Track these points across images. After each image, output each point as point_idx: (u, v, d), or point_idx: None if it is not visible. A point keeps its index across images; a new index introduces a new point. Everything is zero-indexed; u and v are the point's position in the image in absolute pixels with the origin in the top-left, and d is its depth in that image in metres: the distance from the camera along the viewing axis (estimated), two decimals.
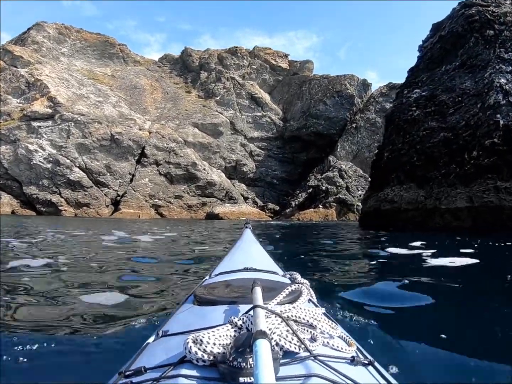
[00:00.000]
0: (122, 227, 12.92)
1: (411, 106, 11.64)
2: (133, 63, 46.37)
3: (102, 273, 3.60)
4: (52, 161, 30.45)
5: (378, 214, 11.78)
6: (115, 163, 31.71)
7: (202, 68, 44.60)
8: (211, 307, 0.99)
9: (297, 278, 1.33)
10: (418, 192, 10.65)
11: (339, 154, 36.33)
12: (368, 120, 37.44)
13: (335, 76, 41.64)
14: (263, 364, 0.50)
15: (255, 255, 1.97)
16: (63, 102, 32.20)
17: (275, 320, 0.73)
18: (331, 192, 31.21)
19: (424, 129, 11.27)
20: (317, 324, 0.82)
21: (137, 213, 28.58)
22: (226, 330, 0.71)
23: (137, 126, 34.26)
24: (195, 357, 0.65)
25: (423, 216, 10.07)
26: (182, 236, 9.55)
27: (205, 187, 34.63)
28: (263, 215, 33.23)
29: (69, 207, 29.67)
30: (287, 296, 0.92)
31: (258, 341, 0.56)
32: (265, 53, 45.72)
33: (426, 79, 11.99)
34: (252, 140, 41.01)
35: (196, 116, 38.75)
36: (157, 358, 0.74)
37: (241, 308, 0.92)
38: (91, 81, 39.43)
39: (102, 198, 30.37)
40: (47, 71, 36.41)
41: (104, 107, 35.10)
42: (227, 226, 16.74)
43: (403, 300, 2.60)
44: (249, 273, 1.38)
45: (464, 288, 3.12)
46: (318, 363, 0.69)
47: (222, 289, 1.13)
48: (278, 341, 0.69)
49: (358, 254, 6.34)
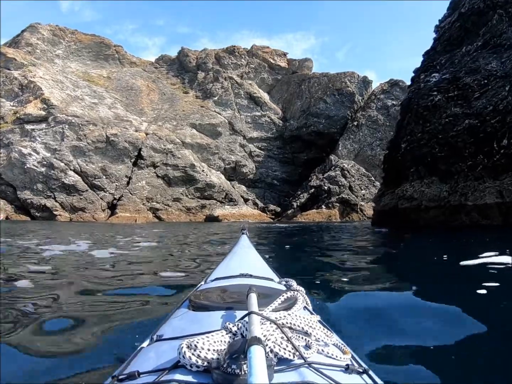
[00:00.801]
0: (96, 234, 11.68)
1: (431, 90, 10.33)
2: (129, 65, 45.58)
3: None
4: (46, 164, 29.60)
5: (395, 213, 10.65)
6: (111, 165, 30.84)
7: (199, 68, 43.82)
8: (206, 312, 0.99)
9: (293, 285, 1.33)
10: (441, 187, 9.48)
11: (341, 153, 35.48)
12: (370, 118, 36.60)
13: (335, 73, 40.86)
14: (257, 371, 0.50)
15: (251, 261, 1.96)
16: (57, 104, 31.37)
17: (270, 327, 0.73)
18: (333, 192, 30.32)
19: (446, 116, 10.01)
20: (312, 331, 0.81)
21: (134, 217, 27.67)
22: (221, 336, 0.71)
23: (133, 128, 33.41)
24: (189, 362, 0.65)
25: (446, 215, 9.01)
26: (161, 247, 7.55)
27: (204, 189, 33.76)
28: (264, 217, 32.34)
29: (64, 212, 28.80)
30: (282, 303, 0.91)
31: (253, 347, 0.56)
32: (263, 51, 44.96)
33: (445, 61, 10.82)
34: (251, 141, 40.17)
35: (194, 117, 37.92)
36: (151, 362, 0.73)
37: (236, 314, 0.92)
38: (86, 82, 38.64)
39: (98, 202, 29.49)
40: (41, 73, 35.61)
41: (99, 108, 34.29)
42: (225, 229, 15.88)
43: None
44: (245, 279, 1.37)
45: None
46: (312, 370, 0.68)
47: (217, 295, 1.12)
48: (272, 348, 0.69)
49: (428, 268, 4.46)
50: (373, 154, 35.76)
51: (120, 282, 3.49)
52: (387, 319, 2.19)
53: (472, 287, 2.85)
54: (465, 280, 3.47)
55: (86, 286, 3.21)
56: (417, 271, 4.22)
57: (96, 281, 3.49)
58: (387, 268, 4.73)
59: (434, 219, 9.32)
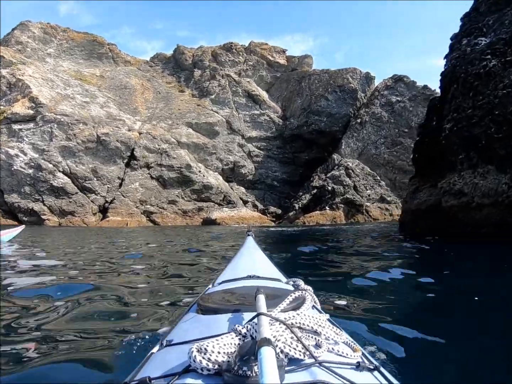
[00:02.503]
0: (49, 241, 10.19)
1: (484, 54, 8.15)
2: (124, 63, 44.05)
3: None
4: (34, 166, 27.99)
5: (437, 213, 8.53)
6: (102, 166, 29.21)
7: (196, 66, 42.34)
8: (215, 315, 0.98)
9: (301, 284, 1.31)
10: (499, 178, 7.34)
11: (344, 152, 33.91)
12: (374, 115, 35.09)
13: (336, 70, 39.39)
14: (268, 372, 0.50)
15: (258, 262, 1.95)
16: (45, 103, 29.82)
17: (280, 328, 0.72)
18: (337, 192, 28.71)
19: (503, 87, 7.89)
20: (321, 330, 0.81)
21: (125, 220, 25.98)
22: (231, 339, 0.70)
23: (126, 127, 31.80)
24: (200, 366, 0.65)
25: (503, 214, 7.04)
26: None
27: (201, 191, 32.14)
28: (265, 220, 30.72)
29: (52, 216, 27.15)
30: (291, 303, 0.90)
31: (263, 348, 0.56)
32: (262, 48, 43.53)
33: (493, 22, 8.77)
34: (250, 140, 38.63)
35: (190, 116, 36.36)
36: (162, 368, 0.72)
37: (245, 316, 0.92)
38: (78, 81, 37.10)
39: (89, 205, 27.83)
40: (30, 72, 34.08)
41: (91, 107, 32.73)
42: (218, 232, 14.31)
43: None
44: (252, 281, 1.36)
45: None
46: (324, 369, 0.68)
47: (225, 298, 1.11)
48: (283, 348, 0.69)
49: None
50: (377, 153, 34.24)
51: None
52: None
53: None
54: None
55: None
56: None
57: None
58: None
59: (488, 219, 7.30)
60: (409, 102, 35.56)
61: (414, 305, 3.05)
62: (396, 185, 33.90)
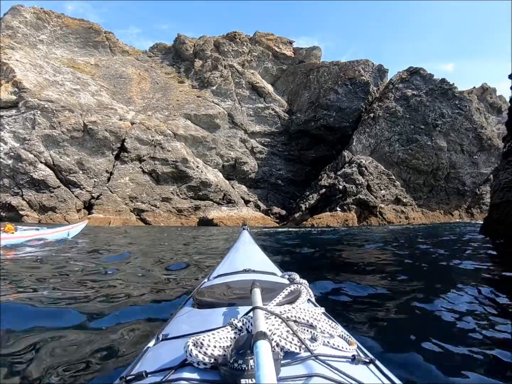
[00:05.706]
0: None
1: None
2: (121, 53, 41.49)
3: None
4: (13, 156, 25.32)
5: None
6: (89, 158, 26.47)
7: (197, 56, 39.70)
8: (211, 309, 0.97)
9: (296, 278, 1.30)
10: None
11: (355, 149, 31.00)
12: (388, 109, 32.20)
13: (347, 62, 36.62)
14: (264, 365, 0.51)
15: (253, 256, 1.94)
16: (29, 88, 27.19)
17: (275, 321, 0.72)
18: (349, 192, 25.78)
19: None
20: (317, 324, 0.80)
21: (108, 218, 23.13)
22: (226, 332, 0.71)
23: (117, 116, 29.09)
24: (196, 360, 0.65)
25: None
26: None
27: (198, 188, 29.33)
28: (268, 221, 27.83)
29: (32, 212, 24.41)
30: (286, 296, 0.90)
31: (259, 342, 0.57)
32: (267, 39, 40.85)
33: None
34: (253, 135, 35.85)
35: (189, 107, 33.63)
36: (158, 362, 0.73)
37: (240, 310, 0.91)
38: (70, 69, 34.53)
39: (72, 200, 25.05)
40: (17, 56, 31.55)
41: (81, 95, 30.09)
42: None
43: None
44: (247, 275, 1.35)
45: None
46: (319, 362, 0.69)
47: (221, 291, 1.10)
48: (278, 341, 0.69)
49: None
50: (391, 151, 31.32)
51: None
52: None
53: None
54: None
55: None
56: None
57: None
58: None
59: None
60: (426, 97, 32.71)
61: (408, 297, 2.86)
62: (410, 186, 30.95)
